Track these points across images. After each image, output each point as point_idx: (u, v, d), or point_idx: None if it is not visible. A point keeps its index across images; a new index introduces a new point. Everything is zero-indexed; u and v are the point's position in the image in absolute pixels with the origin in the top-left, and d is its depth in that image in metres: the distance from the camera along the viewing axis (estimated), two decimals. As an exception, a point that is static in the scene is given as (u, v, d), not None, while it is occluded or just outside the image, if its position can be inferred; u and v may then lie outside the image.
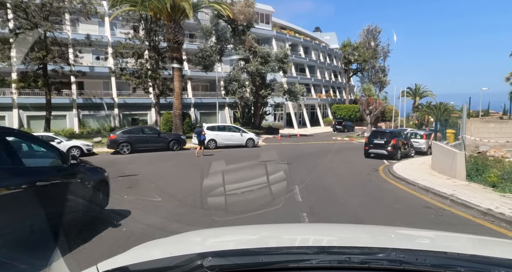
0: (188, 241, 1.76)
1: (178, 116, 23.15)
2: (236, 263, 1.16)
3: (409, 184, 9.87)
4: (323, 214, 6.60)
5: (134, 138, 17.89)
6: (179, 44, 22.07)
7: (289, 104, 42.16)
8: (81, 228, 4.73)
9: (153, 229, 5.32)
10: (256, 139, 21.89)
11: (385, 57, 52.07)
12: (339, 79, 58.23)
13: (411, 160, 16.52)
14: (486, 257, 1.24)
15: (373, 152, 16.84)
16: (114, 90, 29.42)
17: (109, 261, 1.31)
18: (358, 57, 48.06)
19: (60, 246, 3.62)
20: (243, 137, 21.18)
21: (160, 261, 1.23)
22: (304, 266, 1.13)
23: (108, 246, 4.55)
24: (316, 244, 1.63)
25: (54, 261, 3.39)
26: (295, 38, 46.59)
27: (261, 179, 9.71)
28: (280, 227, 2.50)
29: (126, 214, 6.12)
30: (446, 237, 1.82)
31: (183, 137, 19.59)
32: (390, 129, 20.78)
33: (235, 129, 21.55)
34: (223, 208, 7.10)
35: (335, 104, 50.31)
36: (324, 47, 54.17)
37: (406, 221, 6.20)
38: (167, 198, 7.86)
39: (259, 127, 32.99)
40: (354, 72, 51.54)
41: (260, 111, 33.26)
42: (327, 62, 54.02)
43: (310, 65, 48.92)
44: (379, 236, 1.79)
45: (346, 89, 52.82)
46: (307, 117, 46.06)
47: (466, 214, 6.76)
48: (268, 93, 28.88)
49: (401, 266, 1.09)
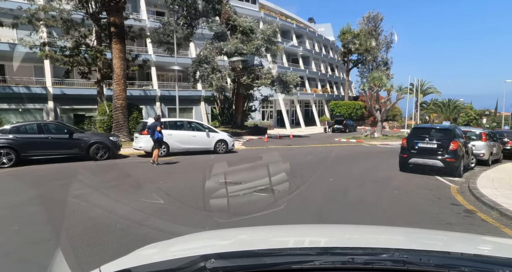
0: (191, 243, 1.75)
1: (120, 108, 16.19)
2: (239, 264, 1.14)
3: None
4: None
5: (24, 141, 10.89)
6: (118, 2, 15.10)
7: (280, 98, 35.42)
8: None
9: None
10: (231, 141, 15.05)
11: (388, 48, 45.86)
12: (336, 73, 51.77)
13: (484, 174, 9.89)
14: (490, 257, 1.24)
15: (416, 163, 10.21)
16: (48, 77, 22.20)
17: (112, 264, 1.30)
18: (359, 46, 41.62)
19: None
20: (210, 138, 14.29)
21: (162, 263, 1.22)
22: (307, 267, 1.13)
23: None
24: (319, 245, 1.60)
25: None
26: (286, 23, 39.94)
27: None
28: (283, 228, 2.47)
29: None
30: (450, 237, 1.80)
31: (115, 139, 12.61)
32: (442, 125, 13.79)
33: (198, 126, 14.63)
34: None
35: (332, 101, 43.80)
36: (319, 36, 47.66)
37: None
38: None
39: (242, 126, 26.16)
40: (355, 63, 45.09)
41: (243, 106, 26.44)
42: (323, 53, 47.49)
43: (304, 56, 42.34)
44: (382, 237, 1.76)
45: (345, 84, 46.31)
46: (301, 115, 39.38)
47: None
48: (252, 81, 22.08)
49: (405, 266, 1.09)
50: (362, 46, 41.70)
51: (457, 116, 51.74)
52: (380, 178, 9.42)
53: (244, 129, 25.47)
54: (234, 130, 24.78)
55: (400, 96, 24.56)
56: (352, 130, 34.70)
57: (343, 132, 32.78)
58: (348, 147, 19.58)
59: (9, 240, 4.42)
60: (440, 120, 47.62)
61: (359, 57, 44.01)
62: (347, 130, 33.43)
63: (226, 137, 14.88)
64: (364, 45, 41.71)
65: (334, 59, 51.14)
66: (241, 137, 23.17)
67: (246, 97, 26.60)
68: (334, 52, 52.56)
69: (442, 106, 51.78)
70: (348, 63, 44.62)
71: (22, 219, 5.36)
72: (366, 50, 42.41)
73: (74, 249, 3.98)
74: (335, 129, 33.19)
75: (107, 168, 10.88)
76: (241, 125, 26.05)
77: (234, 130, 24.97)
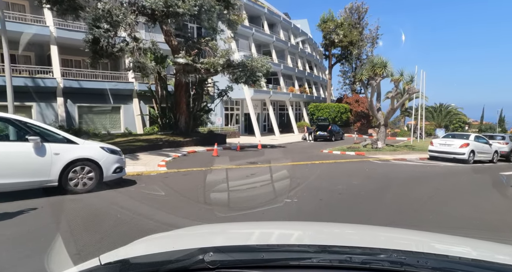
0: (190, 235, 1.72)
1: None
2: (237, 259, 1.14)
3: None
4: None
5: None
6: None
7: (247, 98, 27.48)
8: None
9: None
10: (113, 161, 6.72)
11: (373, 44, 39.46)
12: (316, 72, 44.67)
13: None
14: (487, 262, 1.22)
15: None
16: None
17: (111, 253, 1.30)
18: (343, 38, 34.69)
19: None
20: (47, 158, 5.87)
21: (161, 254, 1.22)
22: (305, 264, 1.12)
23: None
24: (317, 242, 1.54)
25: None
26: (256, 5, 32.29)
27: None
28: (282, 224, 2.47)
29: None
30: (448, 240, 1.75)
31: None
32: None
33: (26, 131, 6.15)
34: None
35: (312, 103, 36.40)
36: (296, 28, 40.37)
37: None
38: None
39: (188, 132, 17.85)
40: (338, 58, 38.14)
41: (189, 102, 18.23)
42: (300, 47, 40.21)
43: (278, 48, 34.79)
44: (381, 237, 1.72)
45: (328, 83, 39.11)
46: (274, 120, 31.52)
47: None
48: (194, 60, 13.89)
49: (402, 268, 1.08)
50: (346, 38, 34.83)
51: (449, 123, 46.15)
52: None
53: (190, 137, 17.16)
54: (174, 138, 16.44)
55: (414, 89, 17.24)
56: (339, 138, 27.28)
57: (328, 141, 25.21)
58: (353, 166, 11.78)
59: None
60: (431, 127, 41.56)
61: (343, 51, 37.08)
62: (333, 138, 25.93)
63: (98, 153, 6.52)
64: (349, 36, 34.88)
65: (312, 56, 44.04)
66: (179, 149, 14.84)
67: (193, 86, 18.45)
68: (312, 49, 45.57)
69: (433, 112, 46.00)
70: (330, 58, 37.52)
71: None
72: (351, 43, 35.61)
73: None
74: (318, 137, 25.57)
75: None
76: (185, 130, 17.71)
77: (174, 137, 16.63)
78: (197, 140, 17.14)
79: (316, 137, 25.58)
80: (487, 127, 54.74)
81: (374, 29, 39.34)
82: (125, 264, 1.13)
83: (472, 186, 9.20)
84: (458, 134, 16.14)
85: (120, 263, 1.14)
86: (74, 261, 2.87)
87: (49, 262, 3.06)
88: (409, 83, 17.41)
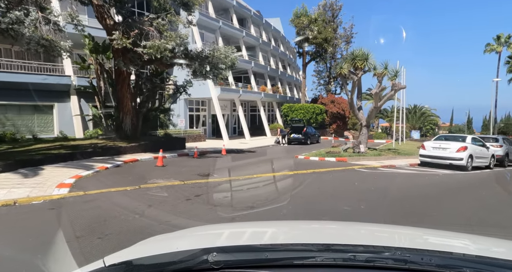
0: (193, 236, 1.72)
1: None
2: (241, 259, 1.14)
3: None
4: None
5: None
6: None
7: (214, 97, 24.55)
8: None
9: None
10: None
11: (348, 43, 37.76)
12: (289, 71, 42.40)
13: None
14: (492, 259, 1.19)
15: None
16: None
17: (115, 255, 1.30)
18: (317, 34, 32.59)
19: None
20: None
21: (165, 255, 1.22)
22: (309, 263, 1.11)
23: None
24: (321, 241, 1.51)
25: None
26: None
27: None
28: (286, 224, 2.44)
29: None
30: (452, 237, 1.72)
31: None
32: None
33: None
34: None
35: (286, 104, 33.95)
36: (267, 24, 37.94)
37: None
38: None
39: (135, 135, 14.61)
40: (313, 56, 36.00)
41: (143, 100, 15.06)
42: (273, 45, 37.78)
43: (248, 44, 32.14)
44: (384, 235, 1.71)
45: (302, 82, 36.85)
46: (244, 122, 28.68)
47: None
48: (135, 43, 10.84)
49: (406, 265, 1.06)
50: (321, 34, 32.76)
51: (423, 125, 45.41)
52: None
53: (137, 141, 13.94)
54: (115, 143, 13.20)
55: (399, 84, 15.04)
56: (315, 141, 24.91)
57: (303, 144, 22.74)
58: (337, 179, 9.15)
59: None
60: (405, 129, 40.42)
61: (317, 49, 34.99)
62: (308, 141, 23.49)
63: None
64: (324, 33, 32.84)
65: (286, 55, 41.77)
66: (116, 157, 11.60)
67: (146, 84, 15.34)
68: (285, 48, 43.35)
69: (408, 113, 45.07)
70: (304, 55, 35.29)
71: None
72: (326, 40, 33.59)
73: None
74: (292, 140, 23.04)
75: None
76: (132, 133, 14.46)
77: (116, 142, 13.39)
78: (146, 145, 13.96)
79: (290, 140, 23.04)
80: (457, 129, 55.16)
81: (348, 27, 37.73)
82: (129, 266, 1.13)
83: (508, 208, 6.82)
84: (452, 136, 14.06)
85: (124, 264, 1.14)
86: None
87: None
88: (393, 78, 15.19)
